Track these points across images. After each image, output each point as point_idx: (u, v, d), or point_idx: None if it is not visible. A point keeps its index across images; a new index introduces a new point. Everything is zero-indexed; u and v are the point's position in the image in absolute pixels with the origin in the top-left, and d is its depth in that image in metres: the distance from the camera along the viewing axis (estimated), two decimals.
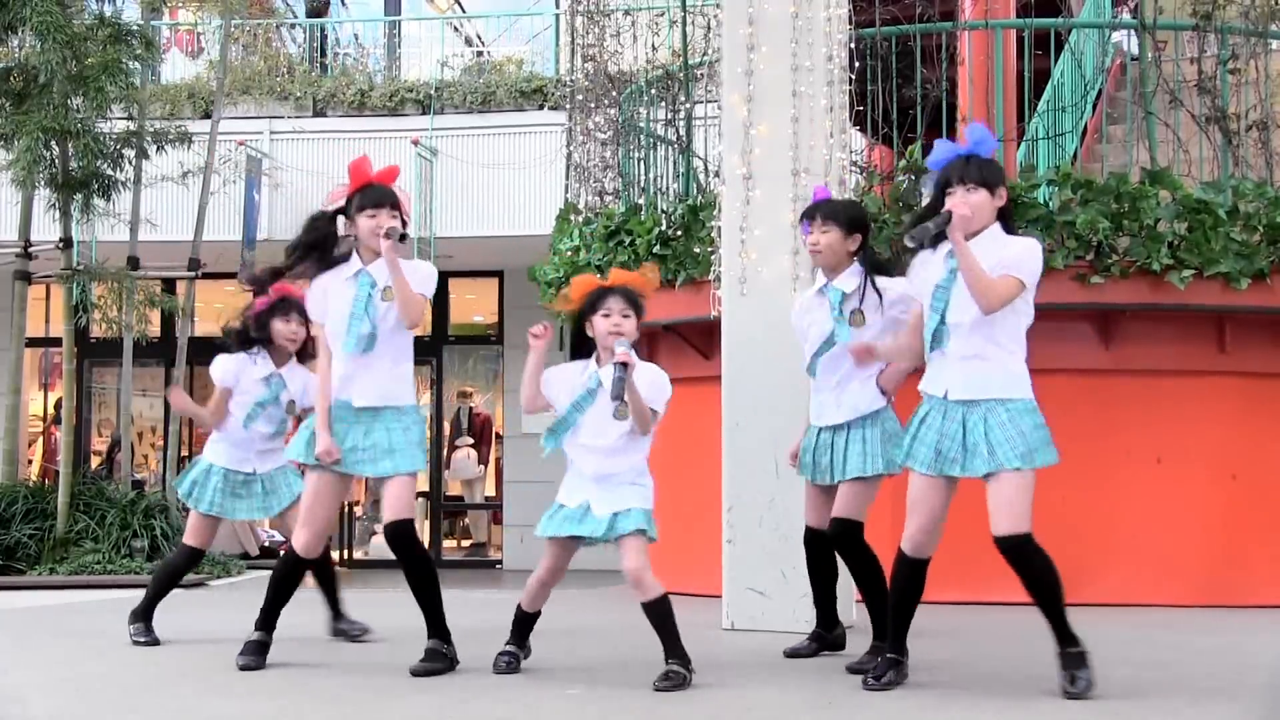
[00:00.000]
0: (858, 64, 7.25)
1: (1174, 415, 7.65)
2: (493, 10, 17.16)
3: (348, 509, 15.23)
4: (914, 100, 8.33)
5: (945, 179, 4.38)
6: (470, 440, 15.79)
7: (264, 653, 4.93)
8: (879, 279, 5.04)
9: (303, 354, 5.64)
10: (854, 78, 6.72)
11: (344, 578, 6.43)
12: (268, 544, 14.80)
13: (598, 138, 9.98)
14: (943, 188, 4.38)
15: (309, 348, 5.54)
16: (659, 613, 4.50)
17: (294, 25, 16.72)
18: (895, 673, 4.44)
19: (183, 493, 5.80)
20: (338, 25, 15.94)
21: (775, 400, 6.04)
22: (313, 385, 4.98)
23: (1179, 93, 8.38)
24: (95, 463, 14.78)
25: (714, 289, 6.78)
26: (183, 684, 4.66)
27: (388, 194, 4.79)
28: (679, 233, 8.18)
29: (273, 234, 13.34)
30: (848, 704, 4.24)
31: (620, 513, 4.52)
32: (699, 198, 8.46)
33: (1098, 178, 7.59)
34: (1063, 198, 7.49)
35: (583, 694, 4.40)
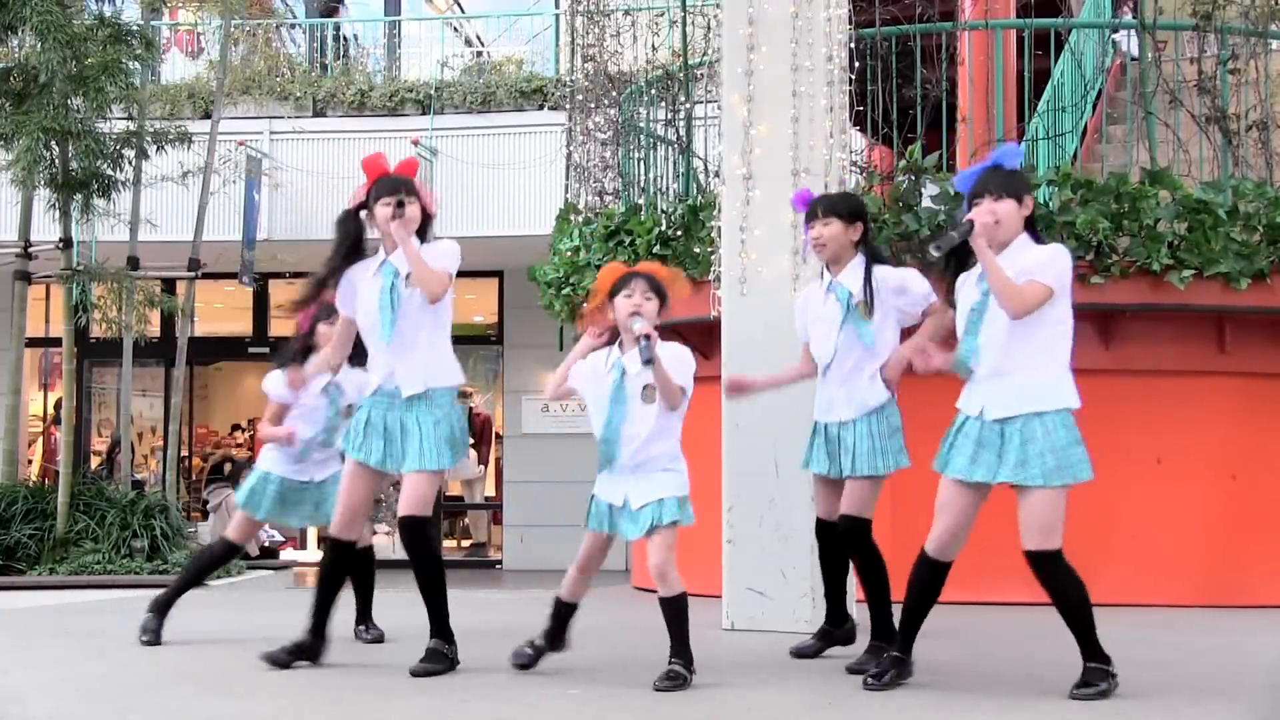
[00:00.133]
0: (858, 64, 7.25)
1: (1174, 415, 7.65)
2: (493, 10, 17.16)
3: None
4: (914, 100, 8.33)
5: (973, 192, 4.40)
6: (470, 440, 15.79)
7: (302, 654, 4.88)
8: (879, 269, 5.06)
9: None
10: (854, 78, 6.72)
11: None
12: (268, 544, 14.83)
13: (598, 138, 9.97)
14: (970, 201, 4.40)
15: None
16: (675, 609, 4.50)
17: (294, 25, 16.72)
18: (897, 672, 4.44)
19: (240, 501, 5.84)
20: (339, 25, 15.91)
21: (775, 400, 6.03)
22: (366, 384, 4.97)
23: (1179, 93, 8.38)
24: (95, 463, 14.79)
25: (714, 289, 6.78)
26: (183, 684, 4.66)
27: (400, 182, 4.83)
28: (679, 233, 8.18)
29: (273, 234, 13.35)
30: (848, 704, 4.25)
31: (655, 506, 4.51)
32: (699, 198, 8.46)
33: (1098, 178, 7.59)
34: (1063, 198, 7.49)
35: (583, 694, 4.40)
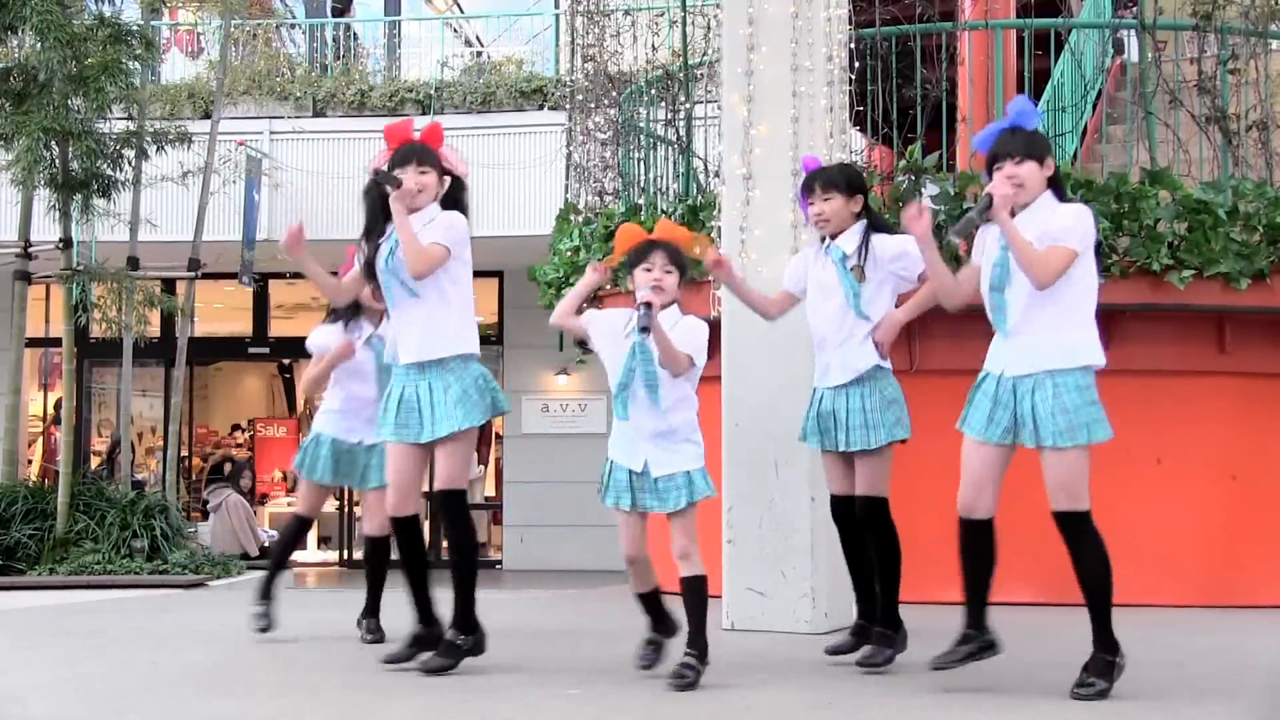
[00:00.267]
0: (858, 64, 7.25)
1: (1174, 415, 7.65)
2: (493, 10, 17.16)
3: (349, 510, 15.24)
4: (914, 100, 8.33)
5: (992, 155, 4.38)
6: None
7: (422, 646, 4.82)
8: (878, 236, 5.00)
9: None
10: (854, 78, 6.72)
11: (345, 578, 6.42)
12: (267, 544, 14.81)
13: (598, 138, 9.98)
14: (990, 165, 4.38)
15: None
16: (696, 591, 4.47)
17: (294, 25, 16.72)
18: (975, 650, 4.42)
19: (296, 463, 5.96)
20: (340, 26, 15.92)
21: (775, 400, 6.03)
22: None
23: (1179, 93, 8.38)
24: (95, 463, 14.78)
25: (714, 289, 6.78)
26: (183, 684, 4.66)
27: (413, 150, 4.78)
28: None
29: (273, 234, 13.31)
30: (848, 704, 4.24)
31: (685, 482, 4.47)
32: (699, 198, 8.46)
33: (1098, 178, 7.59)
34: None
35: (583, 694, 4.40)
